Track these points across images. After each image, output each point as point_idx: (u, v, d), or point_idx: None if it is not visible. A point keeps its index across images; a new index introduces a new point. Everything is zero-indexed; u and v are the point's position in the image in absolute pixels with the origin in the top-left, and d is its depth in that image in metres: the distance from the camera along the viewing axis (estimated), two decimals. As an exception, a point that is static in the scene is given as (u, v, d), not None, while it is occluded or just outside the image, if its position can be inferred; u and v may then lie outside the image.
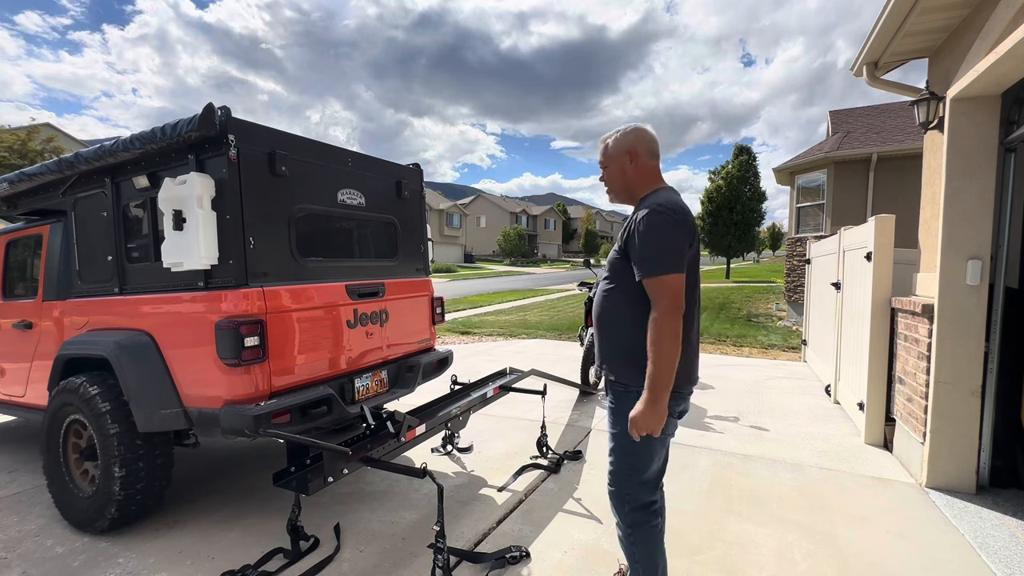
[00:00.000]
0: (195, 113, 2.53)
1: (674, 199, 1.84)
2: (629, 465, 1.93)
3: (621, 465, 1.95)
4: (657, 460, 1.96)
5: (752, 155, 27.80)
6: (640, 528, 1.96)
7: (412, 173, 3.89)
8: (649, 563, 1.97)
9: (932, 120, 3.51)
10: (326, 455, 2.49)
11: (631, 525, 1.96)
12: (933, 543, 2.69)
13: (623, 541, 2.02)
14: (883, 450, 3.95)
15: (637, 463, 1.92)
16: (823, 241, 6.28)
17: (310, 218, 3.05)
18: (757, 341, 8.88)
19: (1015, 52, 2.56)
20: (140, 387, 2.75)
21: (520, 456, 3.87)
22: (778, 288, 19.42)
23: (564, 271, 42.21)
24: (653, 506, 1.98)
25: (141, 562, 2.65)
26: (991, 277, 3.16)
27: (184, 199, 2.53)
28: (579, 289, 6.87)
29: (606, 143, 2.01)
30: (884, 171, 10.31)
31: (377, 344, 3.43)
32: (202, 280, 2.66)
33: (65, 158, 3.16)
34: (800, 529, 2.84)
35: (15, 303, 3.76)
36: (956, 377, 3.18)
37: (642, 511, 1.95)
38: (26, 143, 18.69)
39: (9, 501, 3.39)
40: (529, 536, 2.80)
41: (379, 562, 2.60)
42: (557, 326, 10.88)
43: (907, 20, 3.36)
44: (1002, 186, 3.15)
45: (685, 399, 1.92)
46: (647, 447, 1.88)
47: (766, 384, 5.95)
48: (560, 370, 5.96)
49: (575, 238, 74.97)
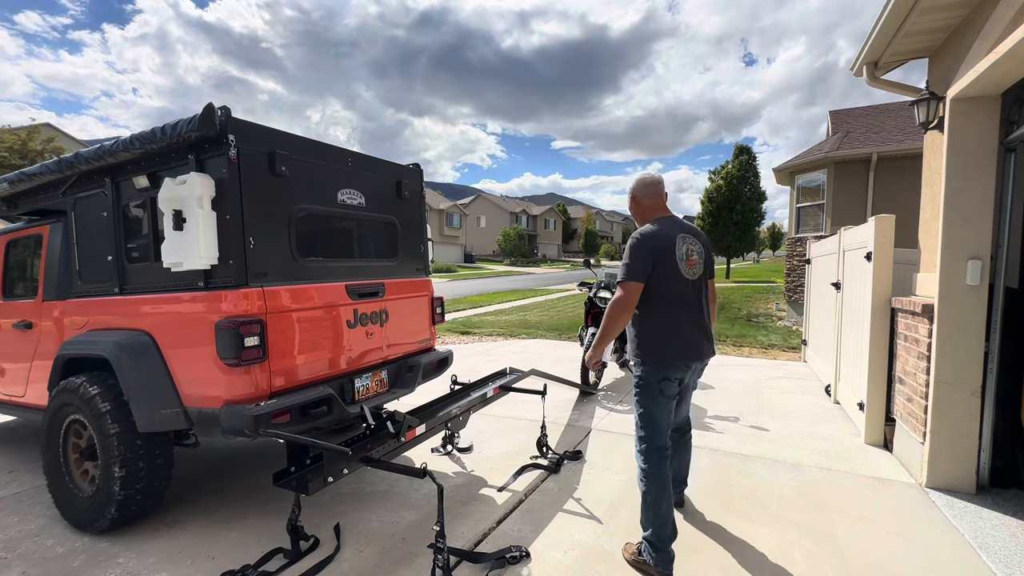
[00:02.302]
0: (195, 113, 2.53)
1: (649, 229, 2.56)
2: (646, 414, 2.57)
3: (640, 416, 2.59)
4: (663, 414, 2.56)
5: (752, 155, 27.82)
6: (653, 467, 2.50)
7: (412, 173, 3.89)
8: (656, 502, 2.46)
9: (932, 120, 3.51)
10: (326, 455, 2.49)
11: (645, 462, 2.53)
12: (933, 543, 2.69)
13: (640, 483, 2.54)
14: (883, 450, 3.95)
15: (646, 414, 2.56)
16: (823, 241, 6.28)
17: (310, 218, 3.05)
18: (757, 341, 8.88)
19: (1015, 52, 2.56)
20: (140, 387, 2.75)
21: (520, 456, 3.87)
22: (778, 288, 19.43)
23: (564, 271, 42.22)
24: (664, 451, 2.54)
25: (141, 562, 2.65)
26: (991, 277, 3.16)
27: (184, 199, 2.53)
28: (579, 289, 6.87)
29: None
30: (884, 171, 10.31)
31: (377, 344, 3.43)
32: (202, 280, 2.66)
33: (65, 158, 3.16)
34: (800, 529, 2.84)
35: (15, 303, 3.76)
36: (956, 377, 3.18)
37: (655, 452, 2.52)
38: (26, 143, 18.68)
39: (9, 501, 3.39)
40: (529, 536, 2.80)
41: (379, 562, 2.60)
42: (557, 326, 10.88)
43: (907, 20, 3.36)
44: (1002, 186, 3.15)
45: (679, 369, 2.55)
46: (652, 401, 2.55)
47: (766, 384, 5.95)
48: (560, 370, 5.96)
49: (575, 238, 74.97)
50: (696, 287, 2.59)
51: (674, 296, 2.52)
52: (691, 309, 2.57)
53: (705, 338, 2.63)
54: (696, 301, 2.59)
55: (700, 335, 2.60)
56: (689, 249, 2.58)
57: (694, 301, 2.58)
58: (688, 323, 2.56)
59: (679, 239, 2.55)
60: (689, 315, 2.56)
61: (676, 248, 2.52)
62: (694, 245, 2.61)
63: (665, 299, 2.51)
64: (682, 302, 2.54)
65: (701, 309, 2.62)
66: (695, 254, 2.59)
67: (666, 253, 2.50)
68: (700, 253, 2.62)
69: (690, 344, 2.57)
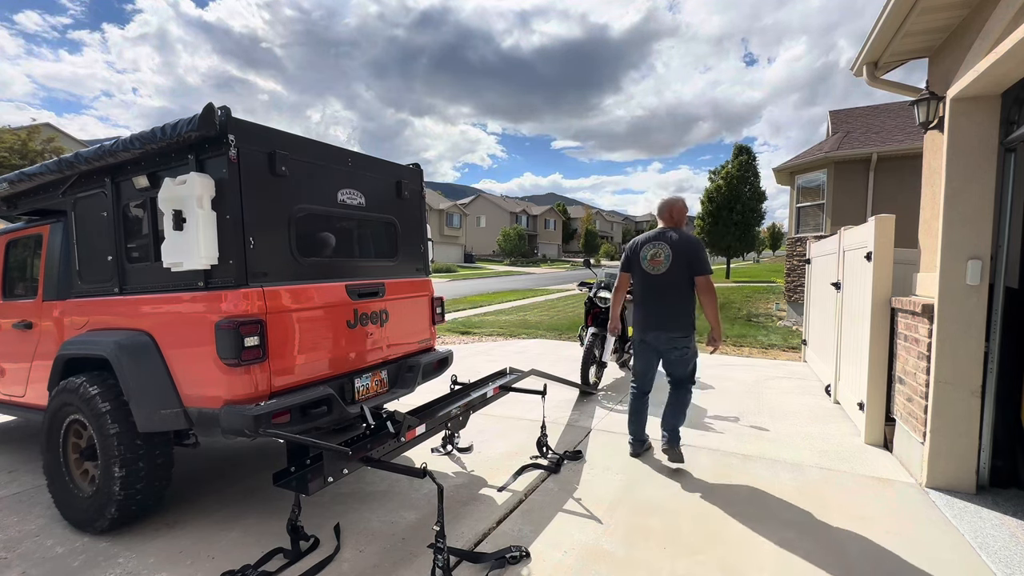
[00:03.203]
0: (195, 113, 2.53)
1: (635, 238, 3.76)
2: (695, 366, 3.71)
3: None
4: (638, 364, 3.81)
5: (752, 155, 27.82)
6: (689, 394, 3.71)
7: (412, 173, 3.89)
8: (631, 417, 3.86)
9: (932, 120, 3.51)
10: (326, 455, 2.49)
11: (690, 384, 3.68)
12: (933, 543, 2.69)
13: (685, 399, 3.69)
14: (883, 450, 3.95)
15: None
16: (823, 241, 6.28)
17: (310, 218, 3.05)
18: (757, 341, 8.88)
19: (1015, 52, 2.56)
20: (140, 387, 2.74)
21: (520, 456, 3.87)
22: (778, 288, 19.43)
23: (564, 271, 42.22)
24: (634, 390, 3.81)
25: (141, 562, 2.65)
26: (991, 277, 3.16)
27: (184, 199, 2.53)
28: (579, 289, 6.87)
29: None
30: (884, 171, 10.31)
31: (377, 344, 3.43)
32: (202, 280, 2.66)
33: (65, 158, 3.15)
34: (800, 529, 2.84)
35: (15, 303, 3.75)
36: (956, 377, 3.18)
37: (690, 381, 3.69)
38: (26, 143, 18.68)
39: (9, 501, 3.40)
40: (529, 536, 2.80)
41: (379, 562, 2.60)
42: (557, 326, 10.88)
43: (907, 20, 3.36)
44: (1002, 186, 3.15)
45: (645, 333, 3.63)
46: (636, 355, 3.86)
47: (766, 384, 5.95)
48: (560, 370, 5.96)
49: (575, 238, 74.95)
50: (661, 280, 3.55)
51: (639, 285, 3.71)
52: (649, 296, 3.63)
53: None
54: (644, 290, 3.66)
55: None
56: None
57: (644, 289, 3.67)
58: (652, 305, 3.62)
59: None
60: (651, 301, 3.62)
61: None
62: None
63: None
64: (643, 289, 3.67)
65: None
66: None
67: (634, 252, 3.71)
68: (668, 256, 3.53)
69: (647, 321, 3.64)
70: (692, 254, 3.44)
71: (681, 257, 3.45)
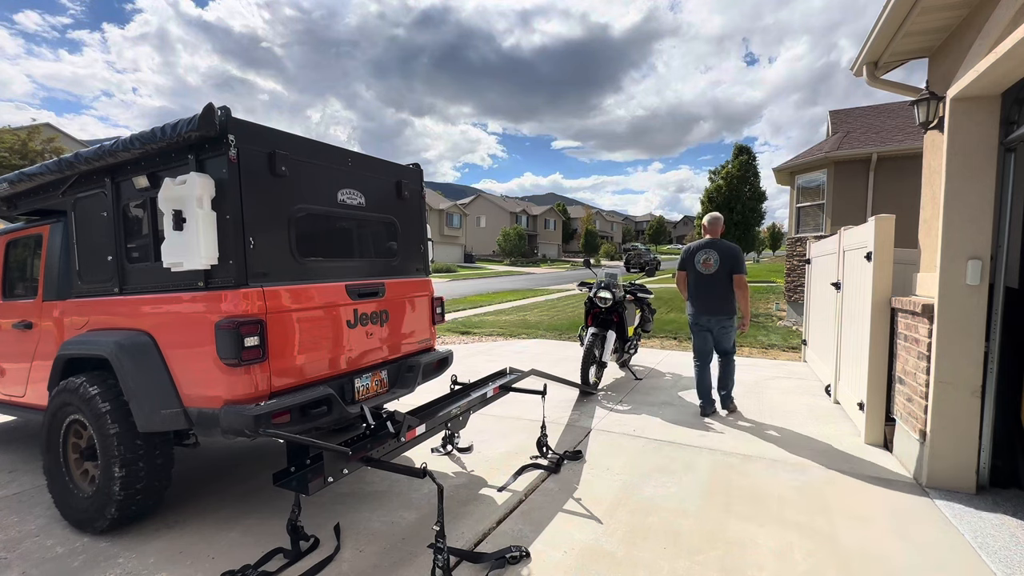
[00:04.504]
0: (195, 113, 2.53)
1: (689, 244, 4.96)
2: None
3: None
4: (696, 341, 4.99)
5: (752, 155, 27.85)
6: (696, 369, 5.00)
7: (412, 173, 3.89)
8: (697, 383, 4.99)
9: (932, 120, 3.51)
10: (326, 455, 2.49)
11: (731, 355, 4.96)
12: (933, 543, 2.69)
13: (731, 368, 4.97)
14: (883, 450, 3.95)
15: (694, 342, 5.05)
16: (823, 241, 6.28)
17: (310, 218, 3.05)
18: (757, 341, 8.88)
19: (1015, 52, 2.56)
20: (140, 387, 2.74)
21: (520, 456, 3.87)
22: (778, 288, 19.42)
23: (564, 271, 42.21)
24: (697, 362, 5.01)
25: (141, 562, 2.65)
26: (991, 277, 3.16)
27: (184, 199, 2.53)
28: (579, 289, 6.87)
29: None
30: (884, 171, 10.30)
31: (377, 344, 3.43)
32: (202, 280, 2.66)
33: (65, 158, 3.15)
34: (800, 529, 2.84)
35: (15, 303, 3.76)
36: (956, 377, 3.18)
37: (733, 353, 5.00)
38: (26, 143, 18.66)
39: (9, 501, 3.40)
40: (529, 536, 2.80)
41: (379, 562, 2.60)
42: (557, 326, 10.88)
43: (907, 20, 3.36)
44: (1002, 186, 3.15)
45: (699, 317, 4.87)
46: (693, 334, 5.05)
47: (766, 384, 5.95)
48: (560, 370, 5.96)
49: (575, 238, 74.92)
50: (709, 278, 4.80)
51: (690, 279, 4.94)
52: (697, 287, 4.89)
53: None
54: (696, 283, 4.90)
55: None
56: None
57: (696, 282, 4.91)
58: (699, 295, 4.88)
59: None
60: (698, 291, 4.89)
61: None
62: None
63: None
64: (694, 282, 4.91)
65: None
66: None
67: (690, 254, 4.93)
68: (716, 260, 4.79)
69: (697, 307, 4.90)
70: (734, 259, 4.73)
71: (726, 261, 4.71)
